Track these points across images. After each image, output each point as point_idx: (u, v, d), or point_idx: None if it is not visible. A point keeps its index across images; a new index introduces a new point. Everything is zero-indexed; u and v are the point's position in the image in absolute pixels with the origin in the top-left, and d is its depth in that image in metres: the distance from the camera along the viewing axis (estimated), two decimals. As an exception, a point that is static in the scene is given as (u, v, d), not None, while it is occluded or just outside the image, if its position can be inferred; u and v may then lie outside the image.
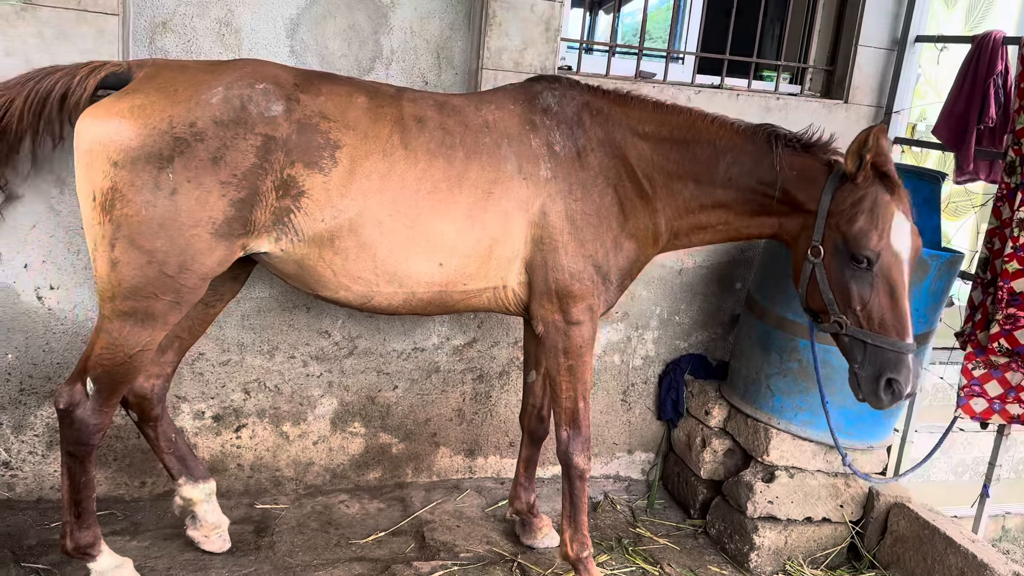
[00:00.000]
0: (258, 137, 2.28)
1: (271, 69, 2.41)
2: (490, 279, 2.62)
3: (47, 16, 2.65)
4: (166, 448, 2.83)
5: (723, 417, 3.62)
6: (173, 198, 2.23)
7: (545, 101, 2.66)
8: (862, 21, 3.63)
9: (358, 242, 2.43)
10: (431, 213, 2.46)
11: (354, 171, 2.38)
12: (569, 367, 2.71)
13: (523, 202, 2.56)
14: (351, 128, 2.40)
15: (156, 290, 2.31)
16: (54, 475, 3.14)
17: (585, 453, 2.78)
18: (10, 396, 3.04)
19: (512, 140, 2.58)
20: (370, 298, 2.55)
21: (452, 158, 2.49)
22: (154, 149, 2.20)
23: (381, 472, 3.58)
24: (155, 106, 2.23)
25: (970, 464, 4.26)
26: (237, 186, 2.27)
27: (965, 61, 3.33)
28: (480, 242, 2.54)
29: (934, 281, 3.13)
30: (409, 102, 2.53)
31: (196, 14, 2.97)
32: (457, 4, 3.24)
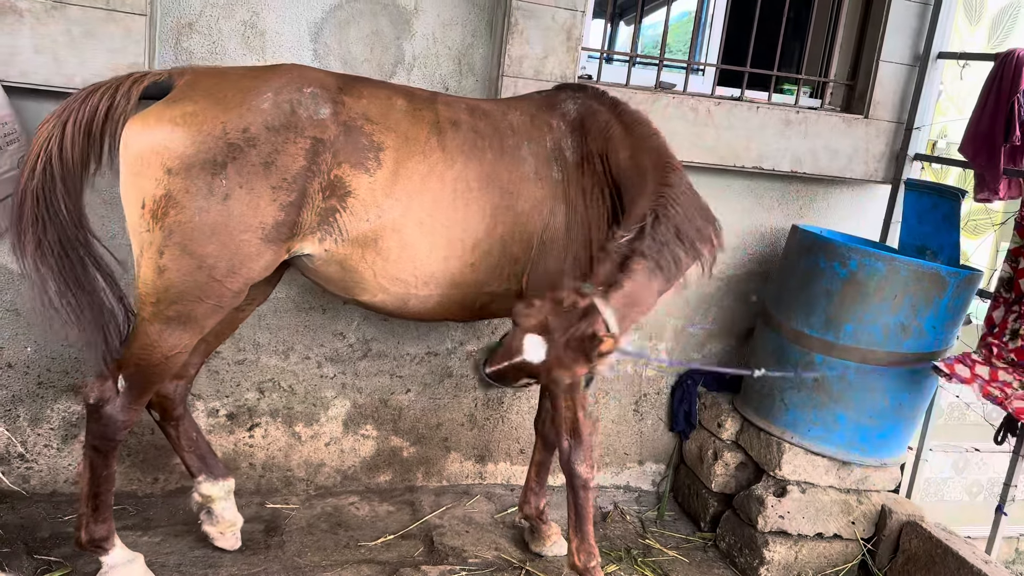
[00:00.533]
0: (308, 140, 2.31)
1: (314, 73, 2.44)
2: (512, 282, 2.65)
3: (76, 15, 2.69)
4: (187, 446, 2.85)
5: (736, 430, 3.61)
6: (226, 203, 2.24)
7: (564, 106, 2.73)
8: (884, 37, 3.62)
9: (400, 242, 2.46)
10: (465, 212, 2.52)
11: (397, 172, 2.43)
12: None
13: (538, 203, 2.61)
14: (393, 130, 2.44)
15: (201, 294, 2.33)
16: (68, 468, 3.17)
17: (588, 462, 2.76)
18: (28, 389, 3.07)
19: (531, 141, 2.64)
20: (407, 300, 2.57)
21: (482, 159, 2.55)
22: (208, 155, 2.21)
23: (392, 475, 3.58)
24: (207, 112, 2.24)
25: (985, 484, 4.22)
26: (287, 189, 2.30)
27: (988, 79, 3.31)
28: (505, 242, 2.58)
29: (952, 298, 3.11)
30: (444, 105, 2.59)
31: (222, 16, 3.01)
32: (479, 12, 3.26)
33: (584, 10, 3.22)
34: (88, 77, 2.72)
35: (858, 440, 3.24)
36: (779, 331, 3.37)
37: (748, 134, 3.51)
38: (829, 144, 3.63)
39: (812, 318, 3.23)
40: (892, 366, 3.14)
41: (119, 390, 2.44)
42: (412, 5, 3.18)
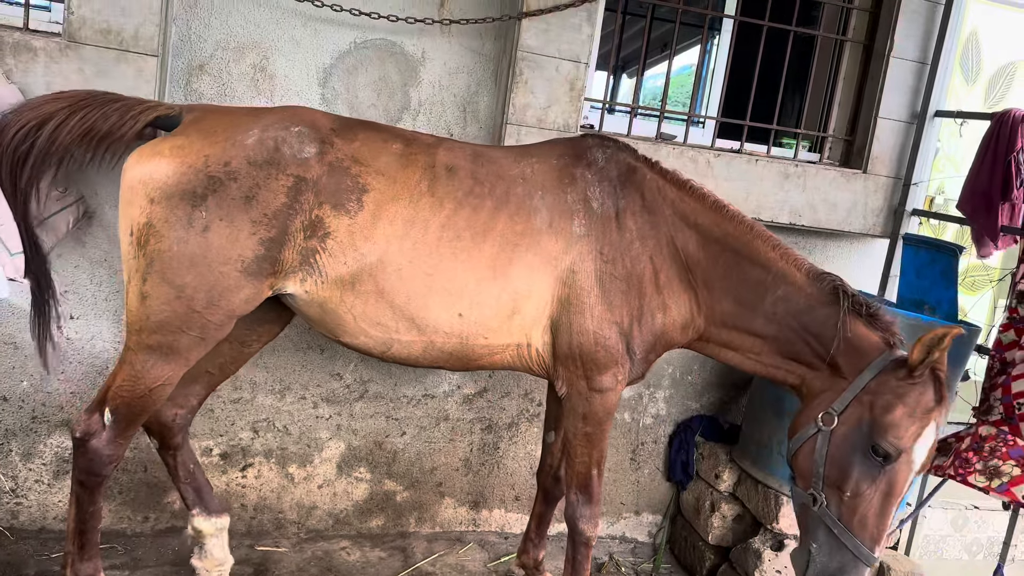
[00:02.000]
0: (289, 178, 2.33)
1: (311, 115, 2.47)
2: (514, 335, 2.54)
3: (89, 54, 2.74)
4: (184, 477, 2.82)
5: (733, 481, 3.57)
6: (205, 235, 2.27)
7: (592, 155, 2.61)
8: (882, 94, 3.69)
9: (377, 287, 2.43)
10: (452, 261, 2.44)
11: (379, 215, 2.40)
12: (587, 434, 2.63)
13: (551, 258, 2.50)
14: (381, 173, 2.43)
15: (182, 325, 2.33)
16: (59, 505, 3.13)
17: (593, 520, 2.70)
18: (21, 423, 3.05)
19: (547, 192, 2.54)
20: (389, 346, 2.52)
21: (479, 207, 2.48)
22: (188, 187, 2.26)
23: (384, 520, 3.54)
24: (193, 146, 2.30)
25: (984, 544, 4.16)
26: (267, 225, 2.31)
27: (985, 138, 3.37)
28: (502, 295, 2.49)
29: (949, 355, 3.10)
30: (445, 151, 2.55)
31: (232, 59, 3.07)
32: (485, 61, 3.32)
33: (587, 62, 3.28)
34: (98, 115, 2.77)
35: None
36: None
37: (747, 186, 3.55)
38: (827, 197, 3.67)
39: (810, 370, 3.22)
40: (890, 420, 3.12)
41: (105, 424, 2.43)
42: (419, 53, 3.25)
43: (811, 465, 2.40)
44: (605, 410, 2.61)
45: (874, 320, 2.46)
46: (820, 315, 2.48)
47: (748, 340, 2.60)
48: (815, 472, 2.38)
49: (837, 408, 2.38)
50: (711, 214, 2.60)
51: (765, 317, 2.54)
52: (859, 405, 2.35)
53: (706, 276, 2.59)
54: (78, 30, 2.73)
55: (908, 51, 3.68)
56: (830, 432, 2.37)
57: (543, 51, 3.20)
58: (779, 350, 2.56)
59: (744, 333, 2.59)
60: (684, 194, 2.62)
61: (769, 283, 2.53)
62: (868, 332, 2.44)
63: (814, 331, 2.48)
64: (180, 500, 2.88)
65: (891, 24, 3.65)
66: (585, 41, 3.25)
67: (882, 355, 2.38)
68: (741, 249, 2.56)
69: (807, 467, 2.42)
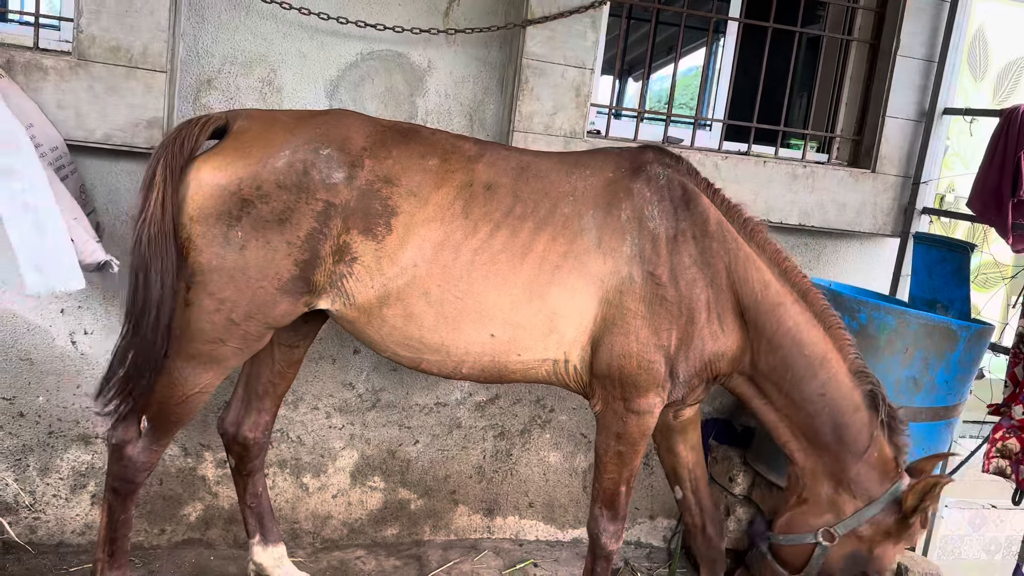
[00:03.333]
0: (319, 203, 2.34)
1: (344, 130, 2.42)
2: (549, 352, 2.48)
3: (99, 72, 2.77)
4: (250, 501, 2.84)
5: (748, 484, 3.56)
6: (243, 253, 2.32)
7: (652, 171, 2.52)
8: (889, 93, 3.68)
9: (404, 310, 2.40)
10: (484, 284, 2.39)
11: (407, 239, 2.37)
12: (619, 452, 2.57)
13: (597, 278, 2.43)
14: (413, 194, 2.38)
15: (222, 335, 2.38)
16: (76, 519, 3.15)
17: (616, 536, 2.67)
18: (38, 438, 3.08)
19: (598, 210, 2.45)
20: (419, 363, 2.52)
21: (518, 229, 2.41)
22: (224, 208, 2.31)
23: (399, 528, 3.55)
24: (228, 168, 2.33)
25: (1003, 543, 4.13)
26: (300, 248, 2.34)
27: (994, 134, 3.35)
28: (538, 315, 2.42)
29: (964, 352, 3.09)
30: (486, 165, 2.47)
31: (240, 73, 3.09)
32: (491, 69, 3.34)
33: (593, 68, 3.29)
34: (108, 131, 2.80)
35: (872, 496, 3.18)
36: (790, 384, 3.35)
37: (755, 188, 3.54)
38: (836, 198, 3.66)
39: (823, 371, 3.21)
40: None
41: (141, 431, 2.47)
42: (425, 63, 3.26)
43: (802, 568, 2.59)
44: (640, 431, 2.55)
45: (895, 435, 2.55)
46: (853, 417, 2.52)
47: (782, 401, 2.58)
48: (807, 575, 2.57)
49: (840, 531, 2.52)
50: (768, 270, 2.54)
51: (806, 392, 2.54)
52: (858, 535, 2.52)
53: (757, 323, 2.53)
54: (88, 48, 2.76)
55: (915, 49, 3.67)
56: (827, 548, 2.53)
57: (548, 58, 3.21)
58: (804, 427, 2.58)
59: (781, 394, 2.57)
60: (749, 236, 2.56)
61: (816, 366, 2.52)
62: (887, 452, 2.53)
63: (841, 427, 2.52)
64: (242, 523, 2.91)
65: (897, 22, 3.64)
66: (590, 47, 3.26)
67: (893, 486, 2.50)
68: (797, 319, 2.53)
69: (797, 566, 2.61)
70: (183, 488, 3.26)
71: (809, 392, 2.53)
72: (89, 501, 3.16)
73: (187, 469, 3.25)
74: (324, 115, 2.50)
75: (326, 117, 2.48)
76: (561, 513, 3.73)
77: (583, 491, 3.74)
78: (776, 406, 2.61)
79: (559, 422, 3.65)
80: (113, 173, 3.00)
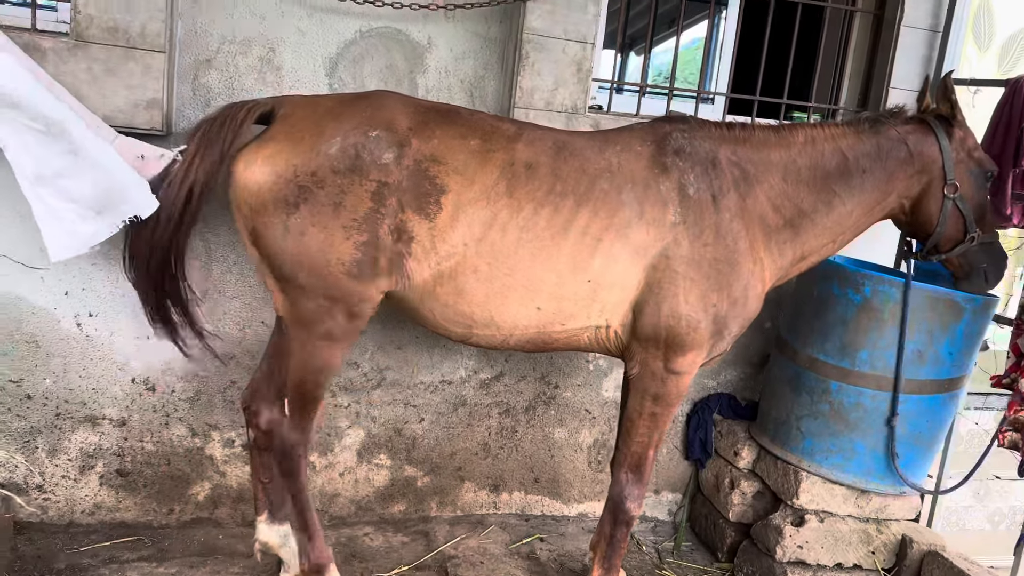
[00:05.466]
0: (372, 183, 2.38)
1: (388, 113, 2.46)
2: (592, 319, 2.57)
3: (97, 52, 2.75)
4: (264, 477, 2.85)
5: (752, 458, 3.58)
6: (303, 239, 2.38)
7: (677, 143, 2.61)
8: (893, 64, 3.64)
9: (456, 288, 2.47)
10: (531, 261, 2.46)
11: (457, 218, 2.42)
12: (653, 414, 2.66)
13: (640, 247, 2.51)
14: (459, 172, 2.43)
15: (322, 316, 2.46)
16: (85, 499, 3.18)
17: (640, 500, 2.77)
18: (46, 420, 3.10)
19: (636, 184, 2.54)
20: (468, 337, 2.60)
21: (560, 206, 2.48)
22: (281, 196, 2.37)
23: (406, 505, 3.57)
24: (282, 155, 2.38)
25: (1007, 513, 4.15)
26: (359, 230, 2.39)
27: (999, 105, 3.32)
28: (582, 287, 2.51)
29: (968, 325, 3.09)
30: (525, 144, 2.52)
31: (239, 52, 3.07)
32: (491, 45, 3.31)
33: (594, 42, 3.26)
34: (108, 113, 2.78)
35: (876, 468, 3.20)
36: (794, 358, 3.36)
37: (759, 162, 3.51)
38: (841, 171, 3.63)
39: (827, 345, 3.22)
40: (909, 393, 3.12)
41: (285, 412, 2.62)
42: (425, 40, 3.24)
43: (964, 225, 2.80)
44: (678, 392, 2.65)
45: (907, 117, 2.80)
46: (892, 146, 2.74)
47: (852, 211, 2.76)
48: (969, 225, 2.79)
49: (951, 178, 2.74)
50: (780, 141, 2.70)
51: (860, 182, 2.73)
52: (958, 163, 2.76)
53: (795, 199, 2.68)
54: (85, 29, 2.74)
55: (919, 19, 3.63)
56: (961, 195, 2.75)
57: (549, 32, 3.18)
58: (876, 198, 2.77)
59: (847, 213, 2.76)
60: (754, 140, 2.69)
61: (847, 158, 2.71)
62: (917, 124, 2.77)
63: (900, 157, 2.74)
64: (252, 501, 2.93)
65: (901, -8, 3.60)
66: (591, 21, 3.23)
67: (933, 127, 2.75)
68: (812, 151, 2.70)
69: (960, 230, 2.82)
70: (191, 468, 3.29)
71: (864, 174, 2.73)
72: (97, 482, 3.19)
73: (195, 449, 3.28)
74: (367, 98, 2.54)
75: (369, 100, 2.52)
76: (566, 488, 3.76)
77: (588, 466, 3.76)
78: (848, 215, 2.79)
79: (563, 398, 3.66)
80: (114, 155, 2.98)
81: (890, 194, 2.77)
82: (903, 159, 2.74)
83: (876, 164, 2.72)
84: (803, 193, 2.69)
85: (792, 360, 3.37)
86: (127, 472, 3.22)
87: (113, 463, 3.19)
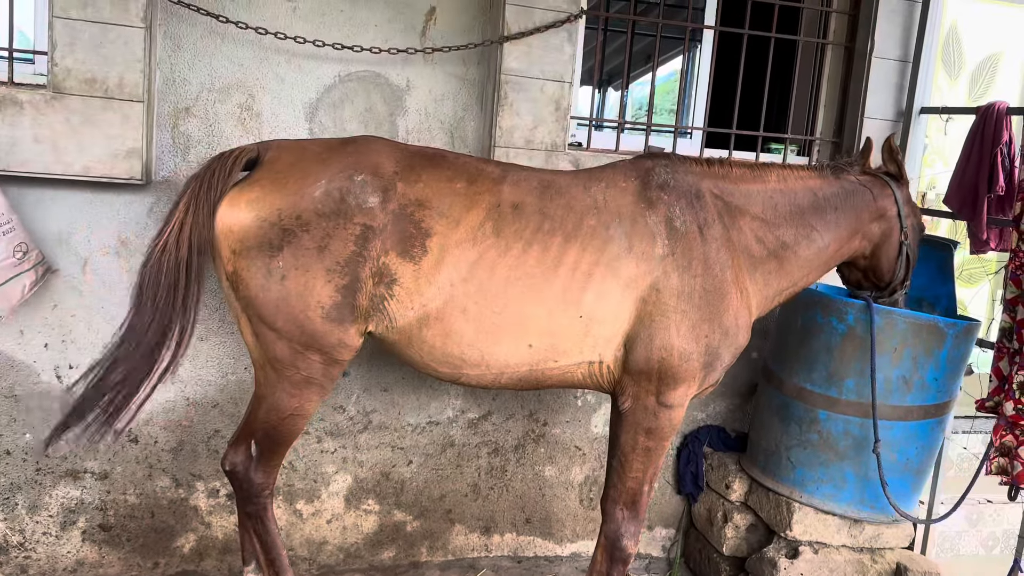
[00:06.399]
0: (357, 227, 2.37)
1: (374, 157, 2.46)
2: (584, 354, 2.56)
3: (74, 104, 2.75)
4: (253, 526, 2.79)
5: (744, 491, 3.55)
6: (284, 283, 2.36)
7: (660, 177, 2.64)
8: (866, 94, 3.70)
9: (443, 329, 2.46)
10: (520, 300, 2.46)
11: (443, 260, 2.42)
12: (647, 449, 2.65)
13: (631, 280, 2.52)
14: (444, 216, 2.44)
15: (295, 362, 2.45)
16: (68, 556, 3.11)
17: (636, 538, 2.73)
18: (26, 476, 3.04)
19: (624, 219, 2.56)
20: (458, 377, 2.59)
21: (548, 244, 2.49)
22: (265, 239, 2.36)
23: (395, 551, 3.52)
24: (267, 199, 2.38)
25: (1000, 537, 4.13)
26: (341, 273, 2.37)
27: (971, 132, 3.38)
28: (574, 322, 2.51)
29: (952, 349, 3.11)
30: (511, 185, 2.54)
31: (218, 100, 3.08)
32: (470, 87, 3.34)
33: (571, 81, 3.30)
34: (87, 163, 2.78)
35: (867, 497, 3.19)
36: (781, 388, 3.36)
37: (739, 194, 3.54)
38: (819, 200, 3.66)
39: (813, 374, 3.22)
40: (897, 420, 3.12)
41: (251, 455, 2.61)
42: (404, 82, 3.26)
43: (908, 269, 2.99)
44: (671, 426, 2.64)
45: (867, 169, 2.93)
46: (858, 194, 2.87)
47: (823, 248, 2.83)
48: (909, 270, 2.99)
49: (904, 228, 2.90)
50: (754, 178, 2.76)
51: (833, 222, 2.82)
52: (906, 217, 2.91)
53: (775, 233, 2.74)
54: (63, 81, 2.74)
55: (889, 50, 3.71)
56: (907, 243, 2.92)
57: (526, 73, 3.22)
58: (846, 237, 2.86)
59: (822, 249, 2.83)
60: (732, 176, 2.74)
61: (821, 200, 2.81)
62: (875, 177, 2.91)
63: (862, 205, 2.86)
64: (240, 551, 2.85)
65: (871, 24, 3.68)
66: (568, 60, 3.27)
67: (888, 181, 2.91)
68: (786, 189, 2.78)
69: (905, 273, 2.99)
70: (175, 520, 3.22)
71: (836, 211, 2.84)
72: (80, 537, 3.12)
73: (179, 500, 3.22)
74: (353, 143, 2.55)
75: (355, 145, 2.53)
76: (559, 528, 3.71)
77: (579, 504, 3.72)
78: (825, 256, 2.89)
79: (553, 435, 3.63)
80: (94, 205, 2.97)
81: (857, 232, 2.87)
82: (868, 202, 2.86)
83: (845, 203, 2.83)
84: (784, 226, 2.74)
85: (779, 390, 3.37)
86: (110, 526, 3.15)
87: (96, 518, 3.13)
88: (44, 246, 2.90)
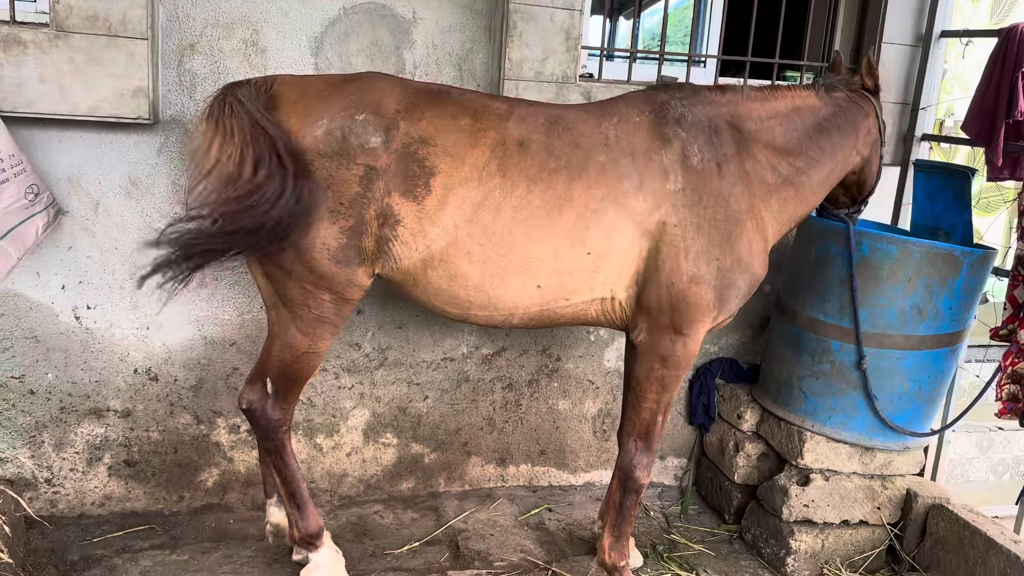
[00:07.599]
0: (360, 167, 2.34)
1: (376, 95, 2.41)
2: (596, 291, 2.56)
3: (78, 42, 2.72)
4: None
5: (756, 421, 3.59)
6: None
7: (676, 111, 2.58)
8: (885, 17, 3.60)
9: (448, 271, 2.45)
10: (527, 240, 2.44)
11: (446, 200, 2.39)
12: (661, 377, 2.66)
13: (638, 215, 2.49)
14: (448, 154, 2.39)
15: (307, 300, 2.46)
16: (95, 491, 3.20)
17: (649, 469, 2.78)
18: (51, 414, 3.11)
19: (636, 156, 2.51)
20: (467, 317, 2.59)
21: (553, 182, 2.44)
22: None
23: (414, 482, 3.60)
24: None
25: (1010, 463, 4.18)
26: (345, 214, 2.36)
27: (992, 55, 3.29)
28: (582, 260, 2.49)
29: (967, 278, 3.09)
30: (517, 121, 2.48)
31: (223, 36, 3.03)
32: (477, 17, 3.27)
33: (582, 9, 3.22)
34: (93, 103, 2.76)
35: (879, 425, 3.22)
36: (794, 320, 3.36)
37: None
38: (835, 129, 3.60)
39: (827, 305, 3.22)
40: (910, 350, 3.13)
41: (267, 393, 2.61)
42: (410, 14, 3.19)
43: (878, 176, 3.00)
44: (687, 356, 2.65)
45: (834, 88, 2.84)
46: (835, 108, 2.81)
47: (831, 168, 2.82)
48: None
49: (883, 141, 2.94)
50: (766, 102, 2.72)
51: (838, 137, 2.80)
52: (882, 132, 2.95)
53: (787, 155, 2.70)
54: (65, 19, 2.70)
55: (910, -29, 3.59)
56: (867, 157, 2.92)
57: (536, 1, 3.14)
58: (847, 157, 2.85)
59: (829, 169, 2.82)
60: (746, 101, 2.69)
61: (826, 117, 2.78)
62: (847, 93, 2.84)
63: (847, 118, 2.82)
64: (261, 484, 2.93)
65: (891, -56, 3.55)
66: (578, -12, 3.18)
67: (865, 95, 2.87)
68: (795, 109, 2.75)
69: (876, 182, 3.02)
70: (198, 455, 3.30)
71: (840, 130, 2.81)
72: (106, 473, 3.20)
73: (200, 436, 3.29)
74: (356, 80, 2.49)
75: (358, 83, 2.47)
76: (572, 458, 3.78)
77: (593, 436, 3.78)
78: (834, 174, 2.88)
79: (566, 370, 3.67)
80: (103, 146, 2.96)
81: (854, 149, 2.86)
82: (861, 119, 2.84)
83: (845, 121, 2.80)
84: (796, 151, 2.71)
85: (792, 321, 3.37)
86: (135, 462, 3.23)
87: (120, 454, 3.21)
88: (55, 188, 2.90)
